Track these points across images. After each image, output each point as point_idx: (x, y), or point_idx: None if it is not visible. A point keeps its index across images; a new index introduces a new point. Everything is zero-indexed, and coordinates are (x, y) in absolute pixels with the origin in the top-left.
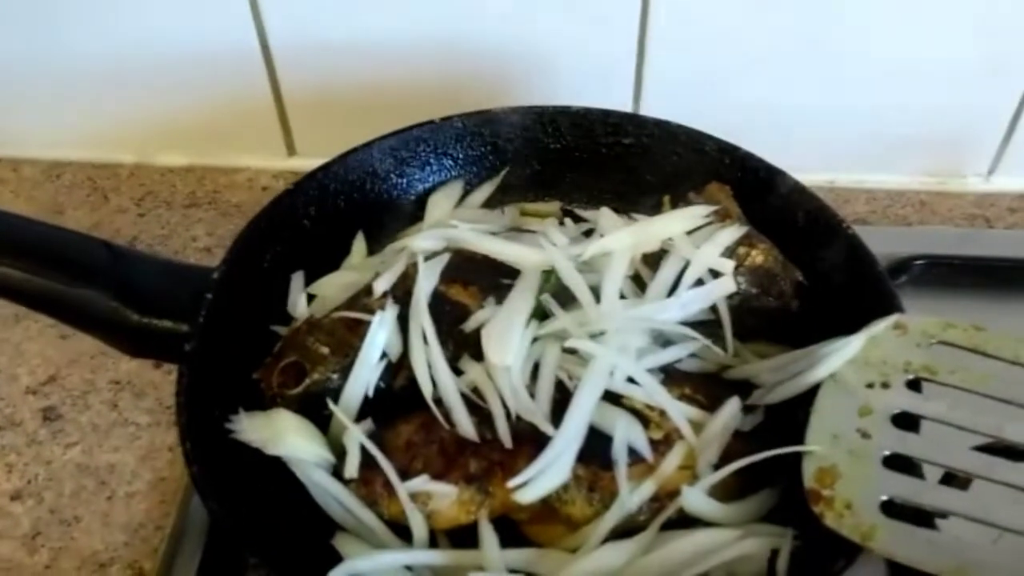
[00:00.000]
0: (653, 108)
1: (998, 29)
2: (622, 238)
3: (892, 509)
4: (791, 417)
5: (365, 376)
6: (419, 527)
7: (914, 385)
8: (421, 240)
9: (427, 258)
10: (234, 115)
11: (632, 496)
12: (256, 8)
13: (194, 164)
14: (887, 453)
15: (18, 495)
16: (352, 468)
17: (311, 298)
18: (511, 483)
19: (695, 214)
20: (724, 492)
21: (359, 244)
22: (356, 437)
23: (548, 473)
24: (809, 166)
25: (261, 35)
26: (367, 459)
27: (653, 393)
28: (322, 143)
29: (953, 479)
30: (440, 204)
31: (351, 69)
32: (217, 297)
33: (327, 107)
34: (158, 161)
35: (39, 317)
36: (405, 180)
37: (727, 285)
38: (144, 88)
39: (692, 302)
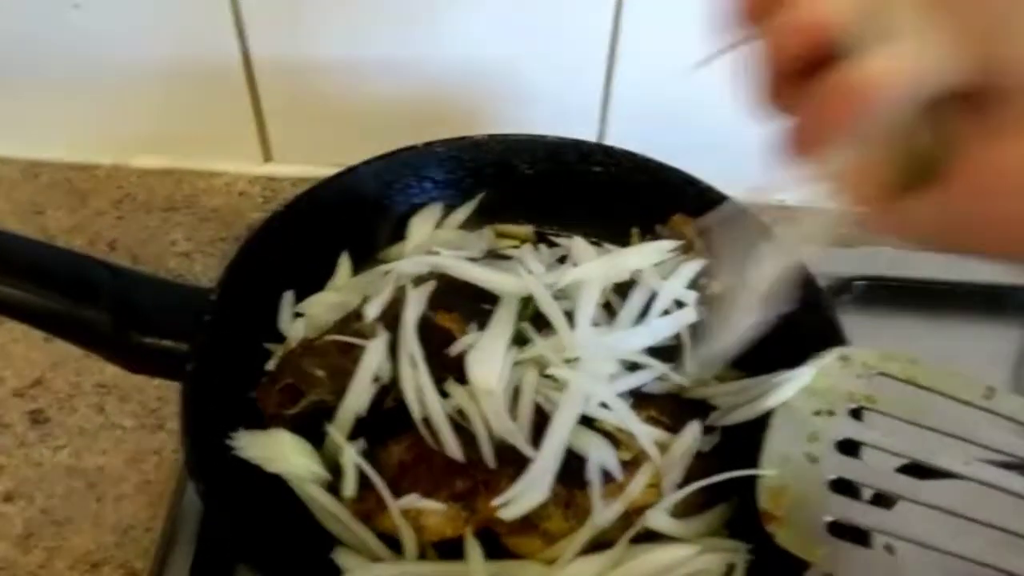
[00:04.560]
0: (617, 140)
1: None
2: (594, 268)
3: (837, 529)
4: (747, 438)
5: (359, 398)
6: (410, 541)
7: (856, 413)
8: (406, 265)
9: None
10: (212, 120)
11: (604, 513)
12: (238, 17)
13: (171, 167)
14: (832, 477)
15: (10, 496)
16: (350, 488)
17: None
18: (495, 502)
19: (662, 248)
20: (686, 507)
21: (344, 266)
22: (352, 459)
23: (529, 493)
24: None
25: (242, 43)
26: (361, 478)
27: (624, 418)
28: (298, 151)
29: (882, 499)
30: (421, 226)
31: (330, 81)
32: (215, 318)
33: (304, 116)
34: (135, 163)
35: None
36: (387, 201)
37: (690, 315)
38: (122, 89)
39: (659, 330)
